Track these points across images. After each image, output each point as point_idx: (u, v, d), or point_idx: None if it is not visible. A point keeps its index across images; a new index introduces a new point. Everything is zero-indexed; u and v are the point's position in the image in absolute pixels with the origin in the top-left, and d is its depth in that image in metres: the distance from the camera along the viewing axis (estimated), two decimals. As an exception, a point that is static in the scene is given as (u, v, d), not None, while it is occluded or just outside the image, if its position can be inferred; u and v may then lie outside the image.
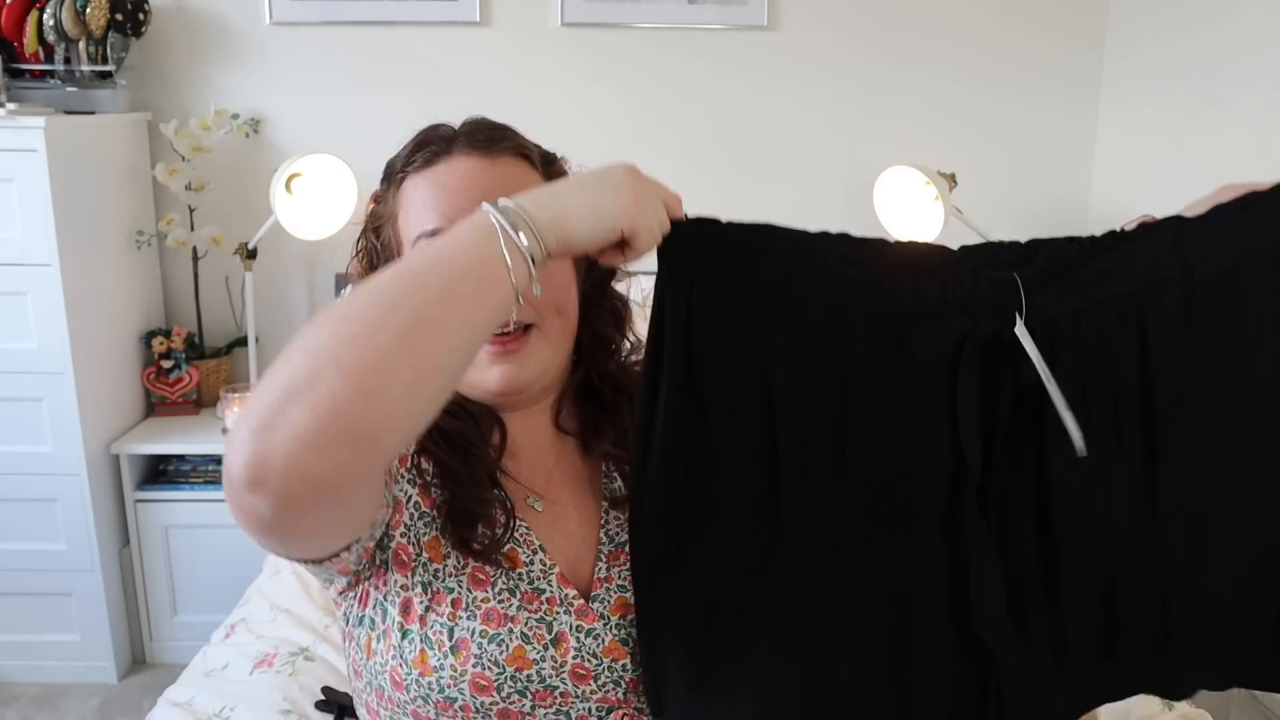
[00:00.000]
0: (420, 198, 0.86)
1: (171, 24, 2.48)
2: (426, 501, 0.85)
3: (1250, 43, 2.09)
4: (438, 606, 0.82)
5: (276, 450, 0.56)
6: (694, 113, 2.59)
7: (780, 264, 0.74)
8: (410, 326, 0.61)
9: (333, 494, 0.60)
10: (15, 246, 2.11)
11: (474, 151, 0.86)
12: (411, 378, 0.60)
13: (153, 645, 2.44)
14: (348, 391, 0.57)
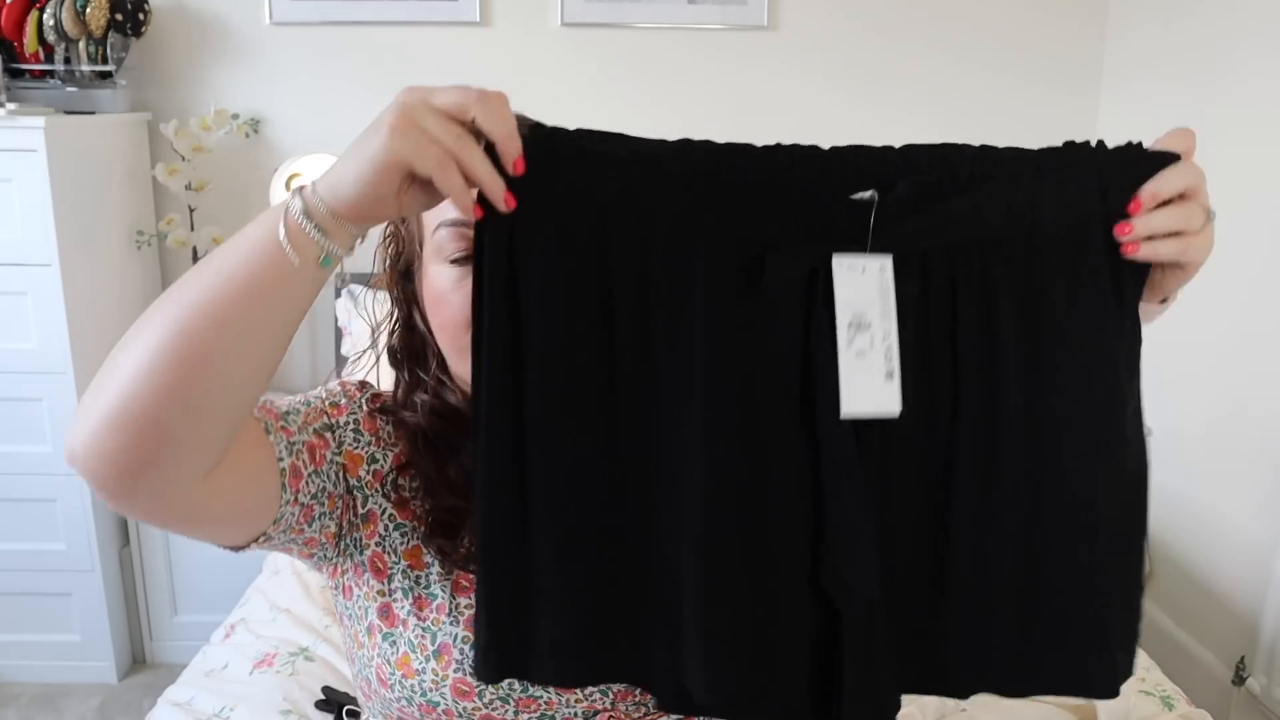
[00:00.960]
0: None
1: (171, 24, 2.48)
2: (404, 514, 0.84)
3: (1252, 38, 2.09)
4: (420, 611, 0.82)
5: (78, 431, 0.61)
6: (694, 113, 2.59)
7: (620, 179, 0.66)
8: (188, 313, 0.61)
9: (132, 475, 0.62)
10: (15, 246, 2.11)
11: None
12: (189, 364, 0.61)
13: (153, 645, 2.44)
14: (123, 374, 0.61)
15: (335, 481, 0.81)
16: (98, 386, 0.62)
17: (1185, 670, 2.19)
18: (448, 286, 0.81)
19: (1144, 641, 1.62)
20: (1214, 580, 2.23)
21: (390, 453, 0.85)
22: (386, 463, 0.84)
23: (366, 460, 0.84)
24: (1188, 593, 2.32)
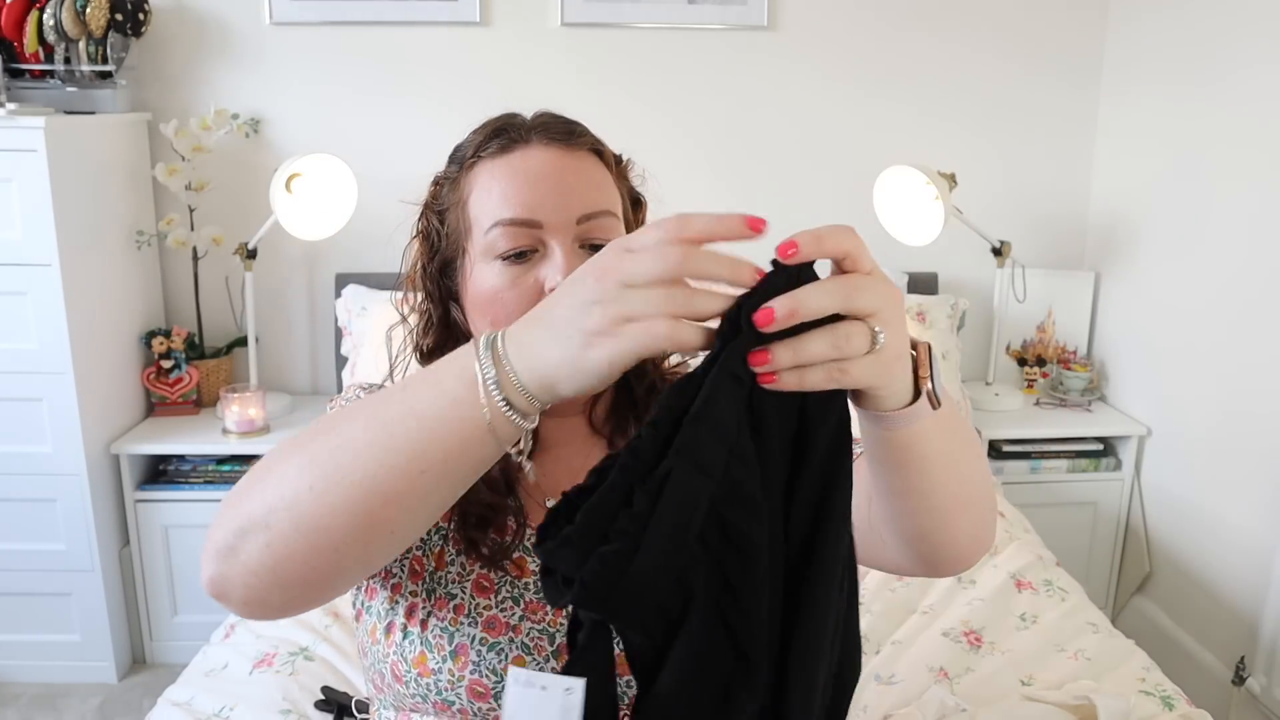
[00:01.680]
0: (497, 184, 0.82)
1: (171, 24, 2.48)
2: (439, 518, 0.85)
3: (1252, 39, 2.09)
4: (439, 611, 0.82)
5: (235, 577, 0.62)
6: (694, 113, 2.59)
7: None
8: (368, 492, 0.59)
9: (289, 613, 0.65)
10: (15, 246, 2.11)
11: (552, 143, 0.83)
12: (366, 539, 0.60)
13: (153, 645, 2.44)
14: (299, 542, 0.60)
15: None
16: (251, 534, 0.60)
17: (1185, 670, 2.19)
18: (502, 284, 0.80)
19: (1144, 641, 1.62)
20: (1214, 580, 2.23)
21: None
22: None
23: None
24: (1188, 593, 2.32)
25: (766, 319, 0.56)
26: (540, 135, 0.83)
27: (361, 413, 0.61)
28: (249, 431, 2.35)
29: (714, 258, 0.58)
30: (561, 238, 0.80)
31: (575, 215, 0.80)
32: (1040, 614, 1.64)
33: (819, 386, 0.56)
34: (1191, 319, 2.30)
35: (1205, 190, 2.25)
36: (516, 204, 0.80)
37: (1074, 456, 2.51)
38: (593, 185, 0.82)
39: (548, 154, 0.82)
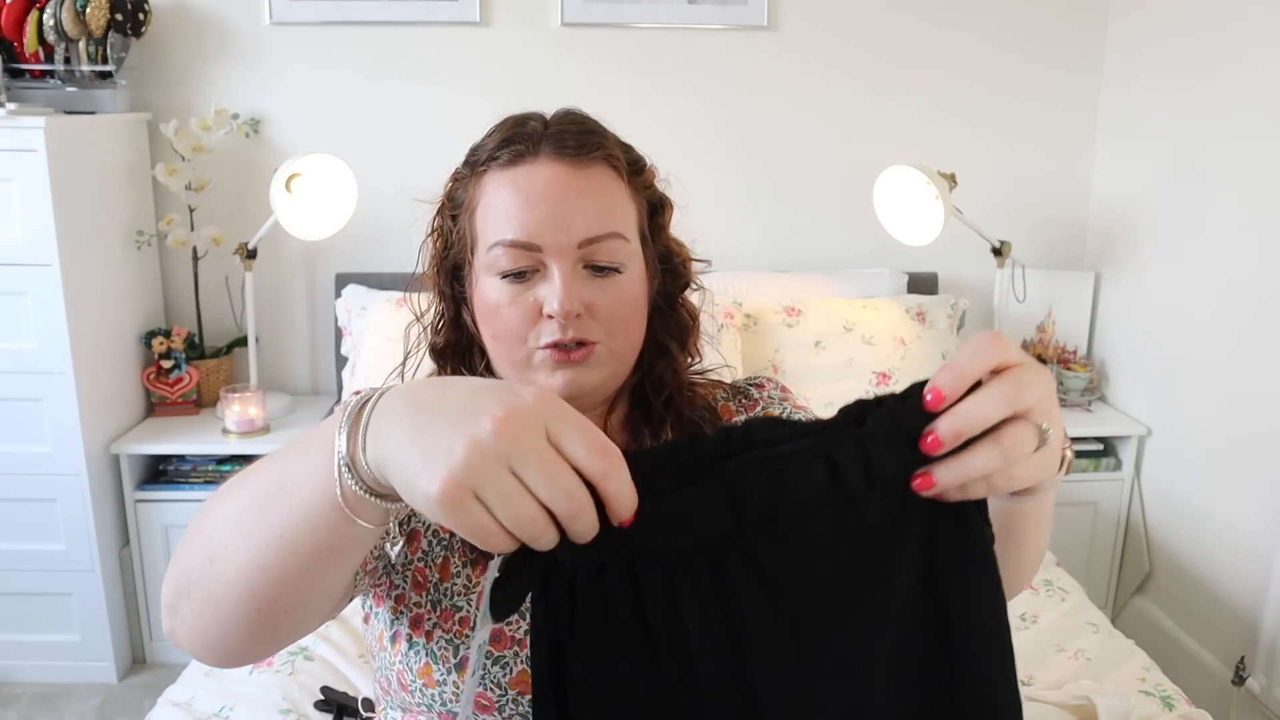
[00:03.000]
0: (501, 201, 0.81)
1: (171, 24, 2.48)
2: (444, 530, 0.84)
3: (1252, 39, 2.09)
4: (445, 623, 0.81)
5: (181, 634, 0.64)
6: (694, 113, 2.59)
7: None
8: (252, 570, 0.58)
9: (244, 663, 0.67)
10: (15, 246, 2.10)
11: (561, 157, 0.81)
12: (263, 618, 0.61)
13: (153, 645, 2.44)
14: (212, 614, 0.62)
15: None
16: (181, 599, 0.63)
17: (1185, 670, 2.19)
18: (502, 300, 0.81)
19: (1144, 641, 1.62)
20: (1214, 580, 2.23)
21: None
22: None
23: None
24: (1188, 593, 2.32)
25: (934, 447, 0.52)
26: (551, 147, 0.81)
27: (249, 480, 0.60)
28: (249, 431, 2.35)
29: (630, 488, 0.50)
30: (561, 261, 0.79)
31: (576, 239, 0.79)
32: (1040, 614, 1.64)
33: (982, 495, 0.54)
34: (1191, 319, 2.30)
35: (1206, 191, 2.25)
36: (517, 225, 0.80)
37: (1074, 456, 2.50)
38: (599, 206, 0.81)
39: (554, 171, 0.80)
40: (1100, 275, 2.69)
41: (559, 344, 0.80)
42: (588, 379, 0.82)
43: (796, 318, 2.39)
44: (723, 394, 0.97)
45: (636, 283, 0.85)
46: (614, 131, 0.88)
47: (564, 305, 0.78)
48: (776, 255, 2.65)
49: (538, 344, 0.80)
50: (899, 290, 2.59)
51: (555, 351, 0.80)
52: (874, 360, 2.34)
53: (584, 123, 0.85)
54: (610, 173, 0.83)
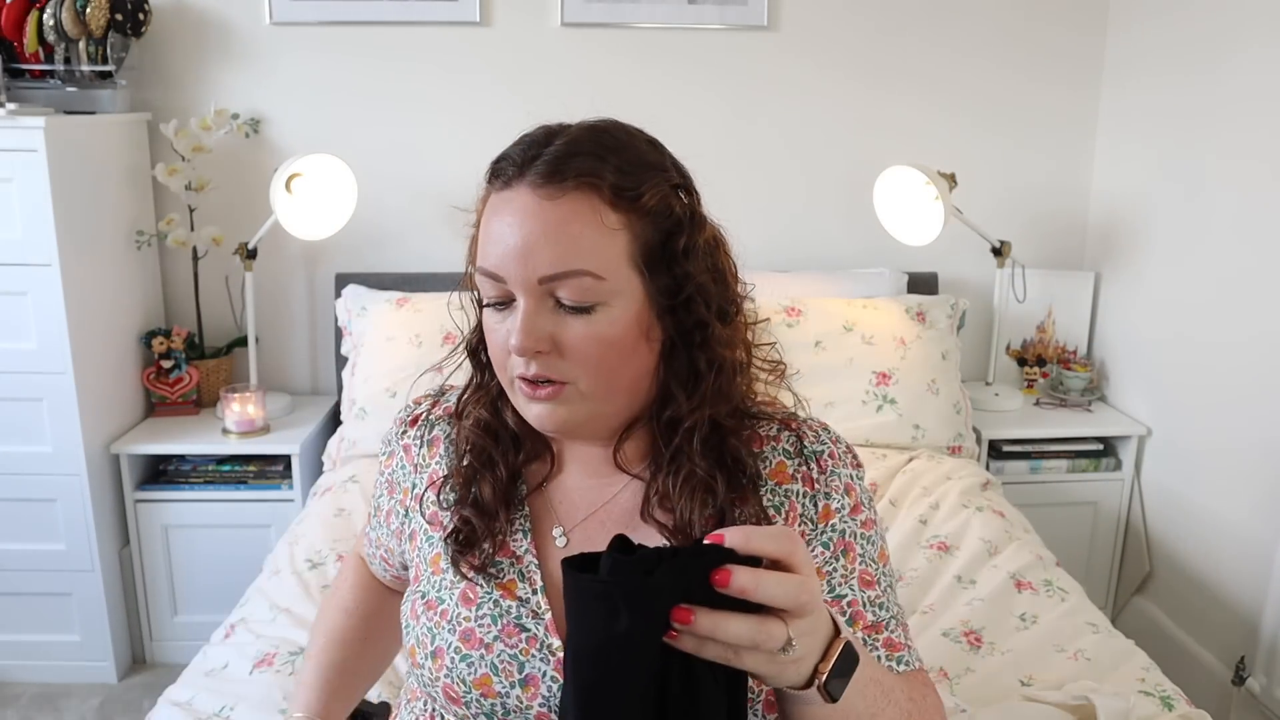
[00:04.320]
0: (487, 223, 0.80)
1: (171, 24, 2.48)
2: (434, 528, 0.91)
3: (1252, 39, 2.09)
4: (428, 612, 0.86)
5: None
6: (694, 113, 2.59)
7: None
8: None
9: None
10: (15, 246, 2.11)
11: (538, 185, 0.77)
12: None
13: (153, 645, 2.44)
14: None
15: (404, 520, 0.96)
16: None
17: (1185, 670, 2.19)
18: (490, 325, 0.82)
19: (1144, 641, 1.62)
20: (1214, 580, 2.23)
21: (424, 474, 0.93)
22: (422, 484, 0.93)
23: (410, 487, 0.94)
24: (1188, 593, 2.32)
25: (724, 580, 0.58)
26: (531, 173, 0.77)
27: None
28: (249, 431, 2.35)
29: None
30: (524, 295, 0.77)
31: (535, 276, 0.76)
32: (1040, 614, 1.64)
33: (710, 658, 0.59)
34: (1191, 319, 2.30)
35: (1206, 190, 2.25)
36: (490, 255, 0.79)
37: (1074, 456, 2.51)
38: (565, 242, 0.75)
39: (526, 201, 0.77)
40: (1100, 275, 2.69)
41: (524, 379, 0.80)
42: (559, 414, 0.80)
43: (796, 318, 2.39)
44: (786, 448, 0.88)
45: (618, 321, 0.77)
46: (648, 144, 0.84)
47: (520, 342, 0.77)
48: (776, 255, 2.65)
49: (512, 374, 0.81)
50: (899, 290, 2.59)
51: (526, 385, 0.80)
52: (874, 360, 2.34)
53: (586, 141, 0.79)
54: (589, 202, 0.76)
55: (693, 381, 0.82)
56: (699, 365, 0.82)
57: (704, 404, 0.83)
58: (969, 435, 2.39)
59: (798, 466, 0.86)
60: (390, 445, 0.98)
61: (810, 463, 0.86)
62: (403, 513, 0.95)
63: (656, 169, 0.81)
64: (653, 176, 0.80)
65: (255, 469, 2.36)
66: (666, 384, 0.83)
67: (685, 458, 0.82)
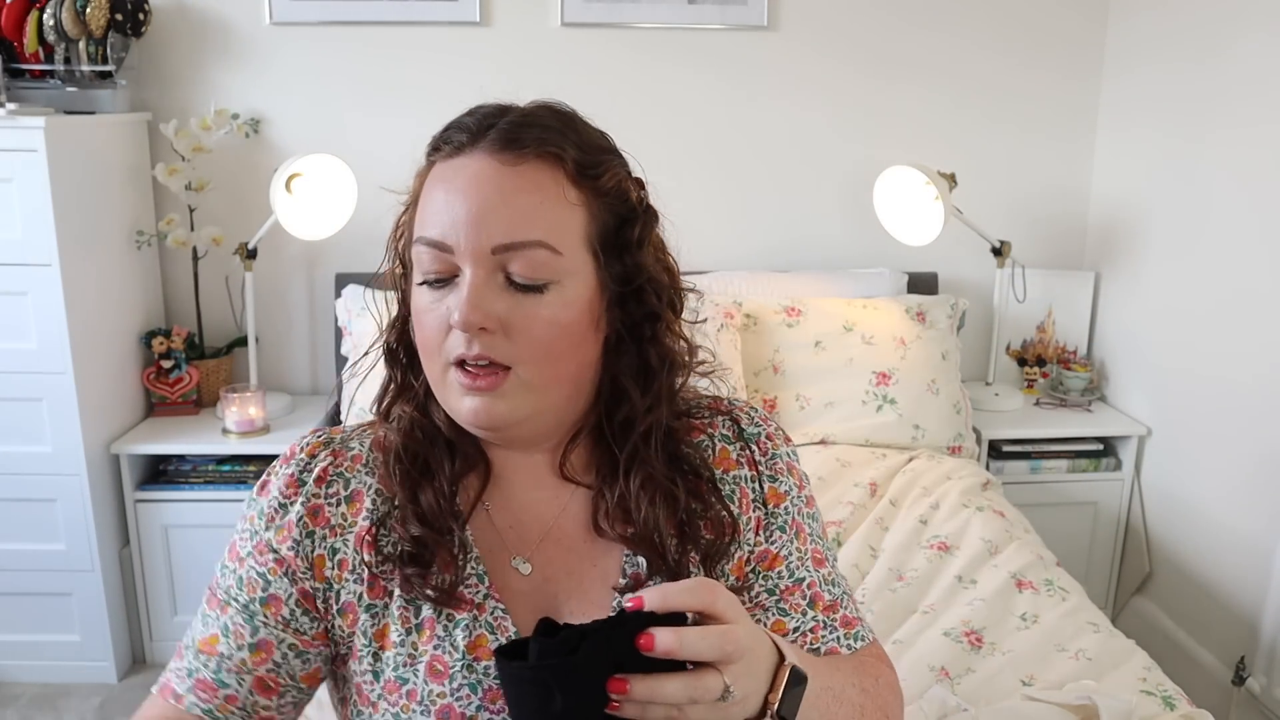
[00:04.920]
0: (430, 193, 0.75)
1: (171, 24, 2.48)
2: (373, 593, 0.78)
3: (1252, 39, 2.09)
4: (390, 695, 0.76)
5: None
6: (694, 113, 2.59)
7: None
8: None
9: None
10: (15, 246, 2.10)
11: (494, 151, 0.73)
12: None
13: (153, 645, 2.44)
14: None
15: (302, 631, 0.79)
16: None
17: (1185, 670, 2.19)
18: (423, 305, 0.75)
19: (1144, 641, 1.62)
20: (1214, 580, 2.23)
21: (349, 536, 0.79)
22: (348, 547, 0.78)
23: (328, 555, 0.78)
24: (1188, 593, 2.32)
25: (648, 644, 0.59)
26: (488, 140, 0.73)
27: None
28: (249, 431, 2.35)
29: None
30: (473, 266, 0.71)
31: (489, 244, 0.71)
32: (1041, 614, 1.64)
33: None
34: (1191, 319, 2.31)
35: (1206, 190, 2.25)
36: (435, 223, 0.73)
37: (1074, 456, 2.51)
38: (523, 210, 0.71)
39: (481, 166, 0.72)
40: (1100, 275, 2.69)
41: (464, 363, 0.73)
42: (498, 409, 0.74)
43: (796, 318, 2.39)
44: (725, 433, 0.86)
45: (571, 304, 0.73)
46: (599, 131, 0.81)
47: (465, 315, 0.70)
48: (776, 255, 2.65)
49: (449, 359, 0.74)
50: (899, 290, 2.59)
51: (463, 374, 0.73)
52: (874, 360, 2.34)
53: (544, 116, 0.77)
54: (550, 173, 0.73)
55: (644, 378, 0.79)
56: (650, 360, 0.79)
57: (658, 403, 0.80)
58: (969, 435, 2.39)
59: (740, 451, 0.85)
60: (273, 521, 0.79)
61: (751, 445, 0.85)
62: (321, 589, 0.78)
63: (613, 154, 0.80)
64: (611, 160, 0.78)
65: (255, 469, 2.36)
66: (614, 382, 0.79)
67: (642, 462, 0.79)
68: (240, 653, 0.77)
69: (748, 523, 0.83)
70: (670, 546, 0.79)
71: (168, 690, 0.78)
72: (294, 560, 0.78)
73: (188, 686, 0.77)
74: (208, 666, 0.77)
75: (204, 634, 0.79)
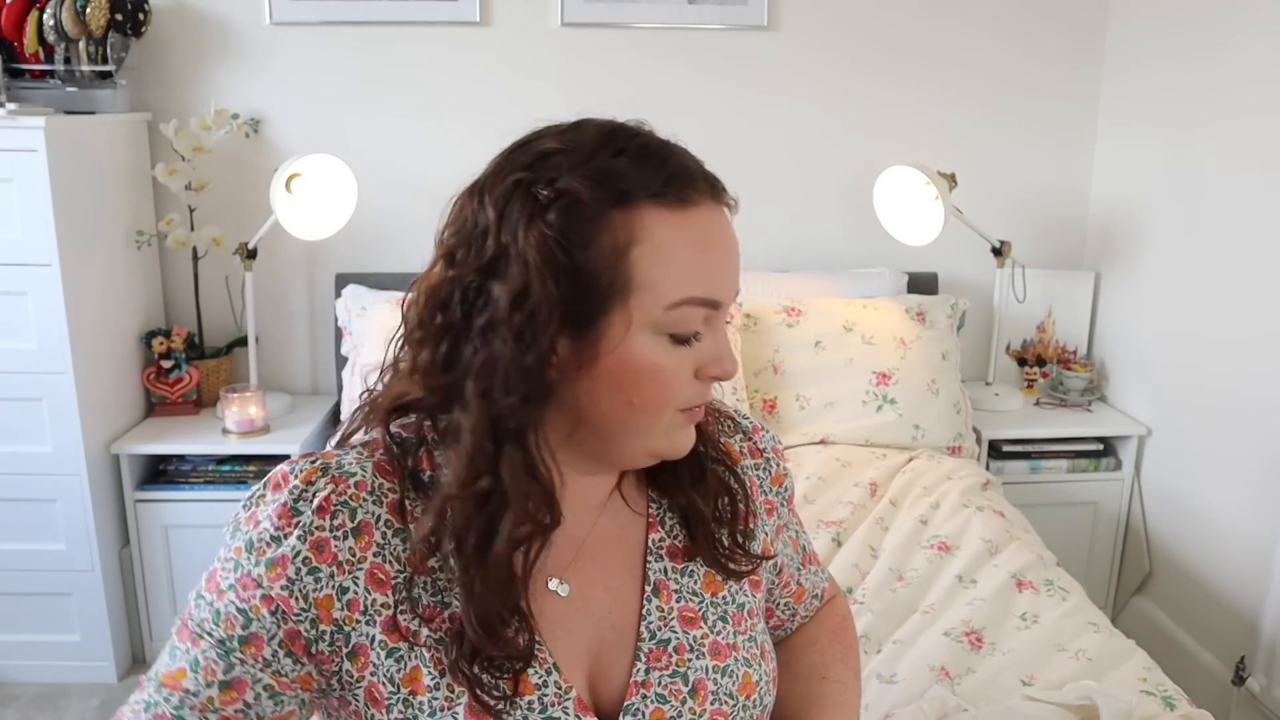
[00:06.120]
0: (683, 250, 0.70)
1: (171, 24, 2.48)
2: (394, 637, 0.71)
3: (1252, 39, 2.09)
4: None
5: None
6: (694, 113, 2.59)
7: None
8: None
9: None
10: (15, 246, 2.10)
11: (716, 201, 0.74)
12: None
13: (153, 645, 2.44)
14: None
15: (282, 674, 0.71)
16: None
17: (1185, 670, 2.19)
18: (665, 363, 0.71)
19: (1144, 641, 1.62)
20: (1214, 580, 2.23)
21: (359, 572, 0.71)
22: (358, 586, 0.71)
23: (336, 595, 0.71)
24: (1188, 593, 2.32)
25: None
26: (707, 189, 0.74)
27: None
28: (249, 431, 2.35)
29: None
30: (724, 318, 0.75)
31: (734, 295, 0.75)
32: (1041, 614, 1.64)
33: None
34: (1192, 318, 2.31)
35: (1206, 191, 2.25)
36: (709, 283, 0.71)
37: (1074, 456, 2.51)
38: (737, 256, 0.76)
39: (717, 217, 0.74)
40: (1100, 275, 2.69)
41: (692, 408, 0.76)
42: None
43: (796, 318, 2.39)
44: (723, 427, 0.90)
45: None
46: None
47: (733, 365, 0.75)
48: (776, 255, 2.65)
49: (682, 406, 0.75)
50: (899, 290, 2.59)
51: (689, 412, 0.76)
52: (874, 360, 2.34)
53: (686, 153, 0.78)
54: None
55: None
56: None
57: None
58: (969, 435, 2.39)
59: (741, 442, 0.89)
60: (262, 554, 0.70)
61: (749, 436, 0.90)
62: (328, 632, 0.71)
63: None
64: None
65: (255, 469, 2.36)
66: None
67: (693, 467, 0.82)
68: (208, 690, 0.70)
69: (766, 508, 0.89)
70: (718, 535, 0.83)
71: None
72: (285, 601, 0.69)
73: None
74: (169, 701, 0.70)
75: (170, 667, 0.71)
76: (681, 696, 0.76)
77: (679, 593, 0.80)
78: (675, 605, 0.79)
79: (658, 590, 0.79)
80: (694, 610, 0.80)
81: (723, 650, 0.79)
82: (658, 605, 0.79)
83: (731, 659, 0.79)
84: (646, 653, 0.77)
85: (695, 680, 0.77)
